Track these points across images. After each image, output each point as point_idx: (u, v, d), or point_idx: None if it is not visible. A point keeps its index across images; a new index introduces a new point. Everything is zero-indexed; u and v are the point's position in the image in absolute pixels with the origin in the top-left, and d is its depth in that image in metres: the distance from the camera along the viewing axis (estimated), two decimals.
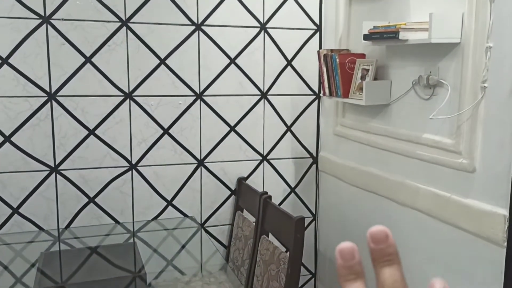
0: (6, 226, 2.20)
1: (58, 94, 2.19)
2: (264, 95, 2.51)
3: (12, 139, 2.15)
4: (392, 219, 2.06)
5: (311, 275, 2.75)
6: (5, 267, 2.03)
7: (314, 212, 2.70)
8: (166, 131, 2.37)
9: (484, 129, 1.58)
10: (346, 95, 2.17)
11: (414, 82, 1.88)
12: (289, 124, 2.58)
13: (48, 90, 2.17)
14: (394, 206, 2.04)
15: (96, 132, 2.27)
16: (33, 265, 2.01)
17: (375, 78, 2.07)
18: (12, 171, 2.17)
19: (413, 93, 1.91)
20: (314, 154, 2.66)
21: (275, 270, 1.93)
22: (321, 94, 2.58)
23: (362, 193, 2.26)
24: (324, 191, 2.63)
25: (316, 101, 2.61)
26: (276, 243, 2.04)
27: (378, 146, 2.13)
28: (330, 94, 2.27)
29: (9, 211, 2.19)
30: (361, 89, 2.08)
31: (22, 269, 2.01)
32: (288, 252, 1.88)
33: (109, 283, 1.92)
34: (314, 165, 2.66)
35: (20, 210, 2.21)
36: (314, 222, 2.71)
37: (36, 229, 2.24)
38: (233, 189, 2.53)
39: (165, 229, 2.40)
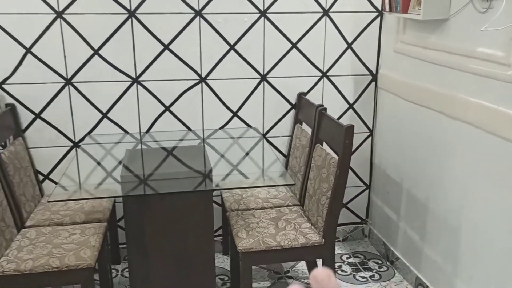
0: (98, 128, 2.57)
1: (137, 11, 2.43)
2: (326, 12, 2.59)
3: (100, 52, 2.46)
4: (443, 132, 2.15)
5: (365, 187, 2.93)
6: (98, 163, 2.42)
7: (371, 128, 2.83)
8: (232, 47, 2.57)
9: None
10: (405, 10, 2.21)
11: None
12: (350, 41, 2.66)
13: (128, 7, 2.42)
14: (445, 120, 2.12)
15: (170, 47, 2.51)
16: (120, 162, 2.37)
17: None
18: (101, 80, 2.50)
19: (470, 7, 1.92)
20: (374, 72, 2.73)
21: (326, 173, 2.13)
22: (383, 10, 2.60)
23: (417, 109, 2.34)
24: (382, 107, 2.73)
25: (379, 18, 2.65)
26: (329, 150, 2.23)
27: (434, 61, 2.18)
28: (390, 10, 2.31)
29: (100, 115, 2.56)
30: (420, 3, 2.10)
31: (112, 165, 2.38)
32: (338, 157, 2.06)
33: (183, 180, 2.22)
34: (373, 83, 2.75)
35: (108, 115, 2.56)
36: (370, 137, 2.84)
37: (122, 132, 2.61)
38: (293, 103, 2.71)
39: (231, 137, 2.66)
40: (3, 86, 2.42)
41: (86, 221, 2.29)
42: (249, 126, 2.71)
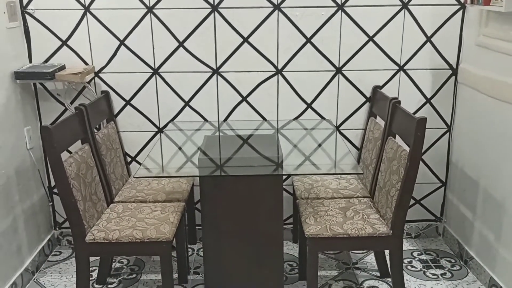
0: (180, 115, 2.76)
1: (220, 6, 2.58)
2: (405, 5, 2.57)
3: (185, 44, 2.64)
4: None
5: (441, 184, 2.87)
6: (179, 148, 2.60)
7: (449, 124, 2.76)
8: (308, 40, 2.63)
9: None
10: (487, 2, 2.14)
11: None
12: (429, 34, 2.61)
13: (212, 2, 2.57)
14: None
15: (249, 40, 2.63)
16: (199, 148, 2.53)
17: None
18: (184, 71, 2.68)
19: None
20: (454, 66, 2.66)
21: (396, 165, 2.14)
22: (465, 3, 2.53)
23: (498, 104, 2.26)
24: (461, 103, 2.66)
25: (461, 11, 2.58)
26: (401, 143, 2.22)
27: None
28: (472, 2, 2.25)
29: (182, 103, 2.74)
30: None
31: (191, 150, 2.54)
32: (409, 149, 2.06)
33: (256, 167, 2.32)
34: (453, 77, 2.68)
35: (190, 103, 2.74)
36: (448, 133, 2.77)
37: (202, 119, 2.78)
38: (368, 96, 2.72)
39: (304, 128, 2.73)
40: (100, 74, 2.68)
41: (166, 200, 2.48)
42: (322, 118, 2.77)
